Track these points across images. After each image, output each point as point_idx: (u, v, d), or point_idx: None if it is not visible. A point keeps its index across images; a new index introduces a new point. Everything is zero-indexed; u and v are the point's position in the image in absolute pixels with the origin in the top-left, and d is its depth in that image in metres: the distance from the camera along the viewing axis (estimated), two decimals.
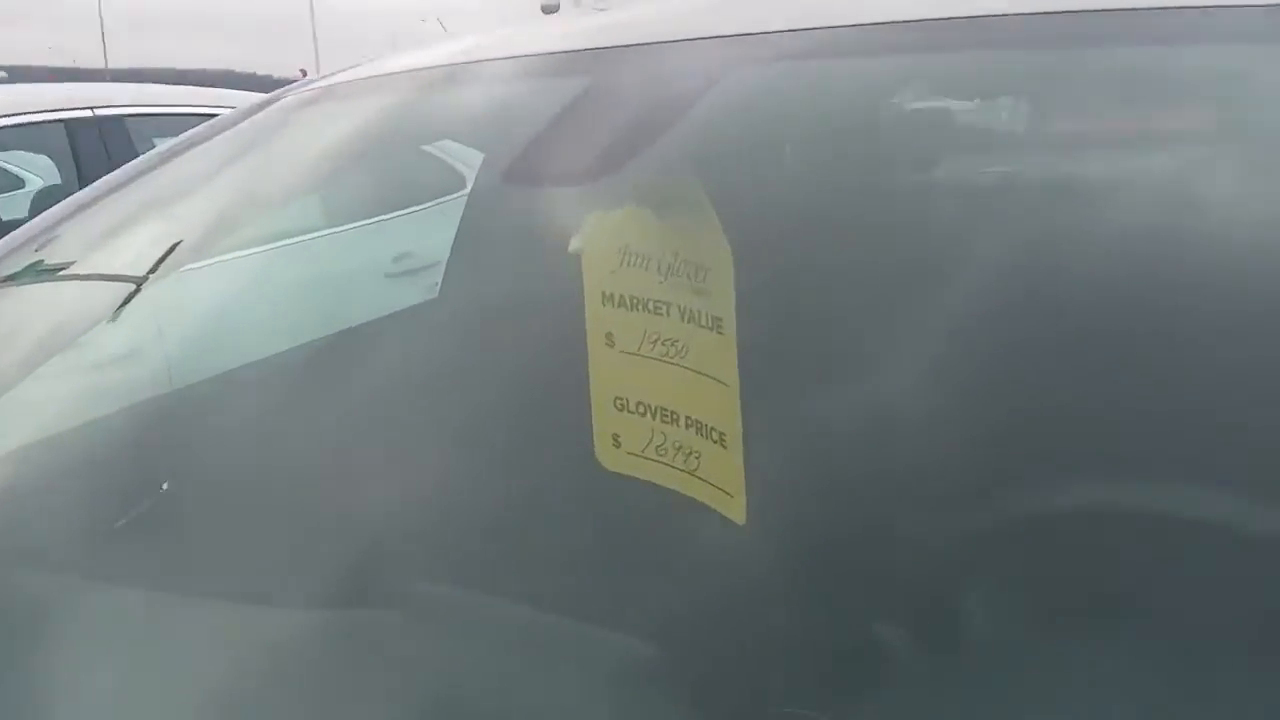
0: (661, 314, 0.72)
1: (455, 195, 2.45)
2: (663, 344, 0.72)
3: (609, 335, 0.76)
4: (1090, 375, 0.76)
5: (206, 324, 1.54)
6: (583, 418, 0.81)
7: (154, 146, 2.13)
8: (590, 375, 0.78)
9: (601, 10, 1.20)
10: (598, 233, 0.76)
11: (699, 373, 0.70)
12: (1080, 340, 0.78)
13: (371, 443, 1.00)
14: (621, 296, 0.74)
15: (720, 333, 0.66)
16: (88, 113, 3.68)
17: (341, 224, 2.37)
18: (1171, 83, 0.84)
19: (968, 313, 0.77)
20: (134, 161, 1.26)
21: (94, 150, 3.59)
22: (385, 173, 2.41)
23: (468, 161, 2.57)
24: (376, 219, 2.40)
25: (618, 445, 0.78)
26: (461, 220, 1.47)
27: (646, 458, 0.75)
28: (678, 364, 0.71)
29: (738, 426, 0.66)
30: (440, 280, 1.44)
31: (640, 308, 0.73)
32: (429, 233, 2.37)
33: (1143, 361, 0.75)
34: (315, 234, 2.36)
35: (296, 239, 2.31)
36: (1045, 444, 0.76)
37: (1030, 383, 0.78)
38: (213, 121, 1.26)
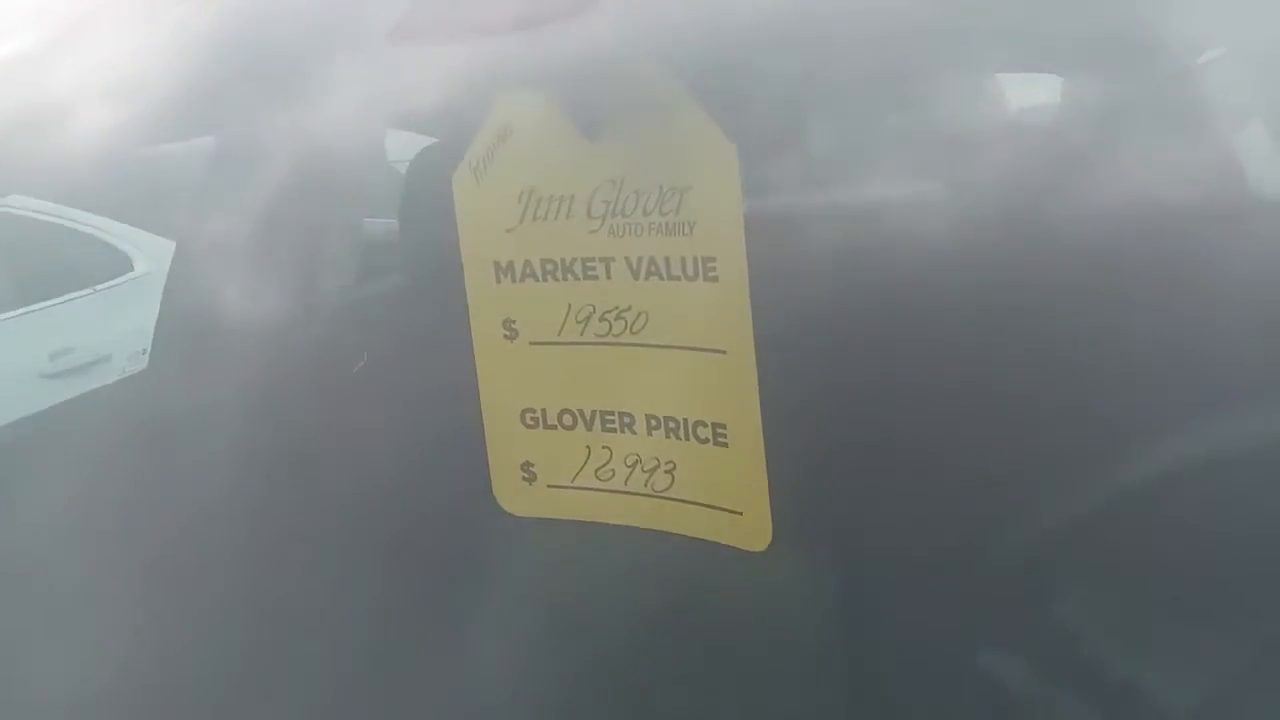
0: (596, 275, 0.51)
1: (121, 279, 2.03)
2: (600, 319, 0.51)
3: (508, 323, 0.54)
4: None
5: None
6: (457, 454, 0.57)
7: None
8: (481, 384, 0.55)
9: None
10: (480, 181, 0.53)
11: (669, 346, 0.49)
12: None
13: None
14: (527, 264, 0.53)
15: (712, 278, 0.47)
16: None
17: None
18: None
19: None
20: None
21: None
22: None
23: (130, 240, 2.17)
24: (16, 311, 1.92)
25: (530, 478, 0.55)
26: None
27: (581, 488, 0.53)
28: (628, 342, 0.51)
29: (751, 411, 0.47)
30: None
31: (559, 274, 0.52)
32: (94, 322, 1.94)
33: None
34: None
35: None
36: None
37: None
38: None
